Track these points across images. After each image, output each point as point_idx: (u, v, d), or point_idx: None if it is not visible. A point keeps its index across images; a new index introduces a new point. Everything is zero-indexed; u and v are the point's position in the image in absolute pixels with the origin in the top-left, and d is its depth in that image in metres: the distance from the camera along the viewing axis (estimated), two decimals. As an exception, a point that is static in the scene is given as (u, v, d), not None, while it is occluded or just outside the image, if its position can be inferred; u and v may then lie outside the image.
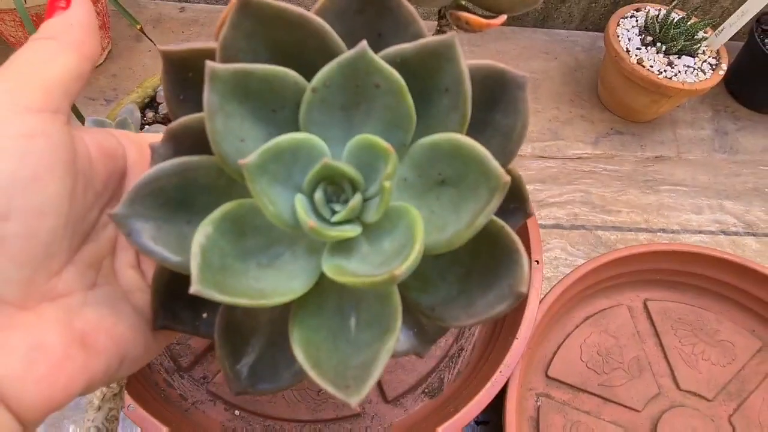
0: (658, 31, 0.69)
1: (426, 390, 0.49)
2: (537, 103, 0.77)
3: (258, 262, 0.18)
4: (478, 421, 0.54)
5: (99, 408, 0.26)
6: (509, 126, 0.19)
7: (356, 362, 0.17)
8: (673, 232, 0.67)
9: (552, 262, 0.63)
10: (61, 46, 0.19)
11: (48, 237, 0.18)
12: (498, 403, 0.45)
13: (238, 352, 0.20)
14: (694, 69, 0.68)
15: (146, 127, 0.45)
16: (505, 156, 0.19)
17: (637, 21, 0.72)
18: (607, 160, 0.72)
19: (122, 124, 0.42)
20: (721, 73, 0.68)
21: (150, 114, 0.47)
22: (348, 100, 0.18)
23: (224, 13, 0.21)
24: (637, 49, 0.69)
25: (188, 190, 0.18)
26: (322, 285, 0.18)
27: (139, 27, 0.53)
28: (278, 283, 0.17)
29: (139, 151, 0.23)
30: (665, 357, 0.55)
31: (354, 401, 0.15)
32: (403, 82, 0.17)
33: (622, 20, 0.71)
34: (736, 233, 0.67)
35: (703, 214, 0.69)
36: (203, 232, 0.16)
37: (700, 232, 0.67)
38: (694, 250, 0.56)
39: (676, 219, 0.68)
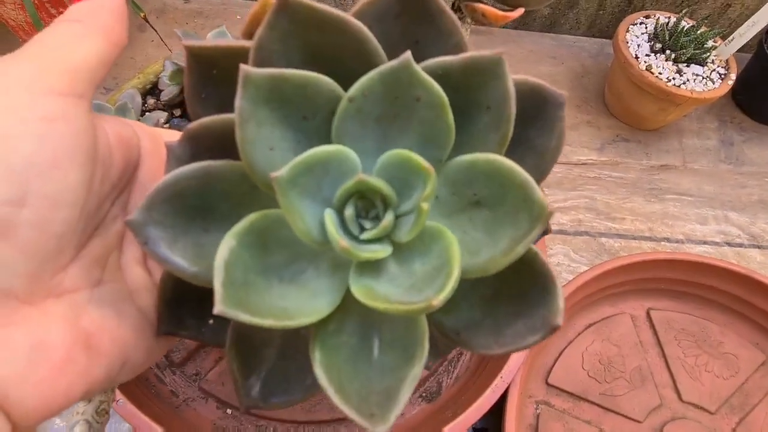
0: (667, 38, 0.68)
1: (424, 394, 0.48)
2: (543, 108, 0.76)
3: (280, 278, 0.17)
4: (477, 428, 0.53)
5: (89, 400, 0.25)
6: (544, 145, 0.18)
7: (380, 387, 0.16)
8: (677, 241, 0.66)
9: (554, 268, 0.62)
10: (88, 30, 0.18)
11: (61, 228, 0.17)
12: (497, 409, 0.44)
13: (249, 365, 0.19)
14: (703, 78, 0.67)
15: (146, 114, 0.44)
16: (538, 176, 0.18)
17: (646, 28, 0.71)
18: (613, 167, 0.72)
19: (122, 109, 0.41)
20: (730, 82, 0.67)
21: (151, 101, 0.46)
22: (384, 112, 0.17)
23: (253, 10, 0.20)
24: (646, 55, 0.68)
25: (208, 196, 0.18)
26: (346, 303, 0.17)
27: (143, 15, 0.52)
28: (302, 302, 0.17)
29: (153, 142, 0.22)
30: (668, 368, 0.54)
31: (381, 430, 0.15)
32: (445, 97, 0.16)
33: (631, 26, 0.71)
34: (740, 245, 0.67)
35: (707, 224, 0.68)
36: (227, 245, 0.16)
37: (705, 242, 0.66)
38: (699, 259, 0.55)
39: (681, 228, 0.67)
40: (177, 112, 0.46)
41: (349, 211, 0.17)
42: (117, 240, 0.20)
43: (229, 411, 0.46)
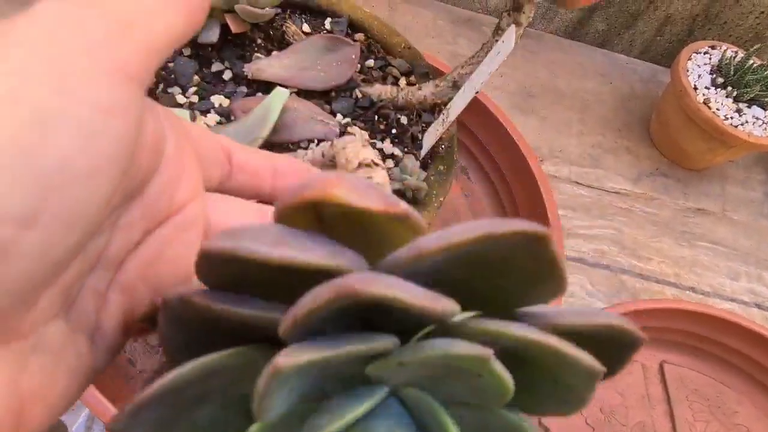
0: (732, 73, 0.63)
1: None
2: (583, 125, 0.70)
3: None
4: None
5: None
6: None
7: None
8: (703, 293, 0.61)
9: (566, 299, 0.57)
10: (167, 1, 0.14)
11: (62, 256, 0.12)
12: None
13: None
14: (763, 122, 0.62)
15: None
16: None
17: (710, 59, 0.66)
18: (646, 202, 0.66)
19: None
20: (792, 133, 0.62)
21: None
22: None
23: (285, 203, 0.13)
24: (706, 88, 0.63)
25: (206, 386, 0.14)
26: None
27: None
28: None
29: (176, 144, 0.16)
30: (673, 429, 0.49)
31: None
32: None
33: (694, 55, 0.65)
34: (770, 309, 0.61)
35: (738, 280, 0.63)
36: None
37: (733, 299, 0.61)
38: (727, 317, 0.50)
39: (709, 280, 0.62)
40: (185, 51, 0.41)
41: None
42: (93, 264, 0.15)
43: (187, 392, 0.41)
